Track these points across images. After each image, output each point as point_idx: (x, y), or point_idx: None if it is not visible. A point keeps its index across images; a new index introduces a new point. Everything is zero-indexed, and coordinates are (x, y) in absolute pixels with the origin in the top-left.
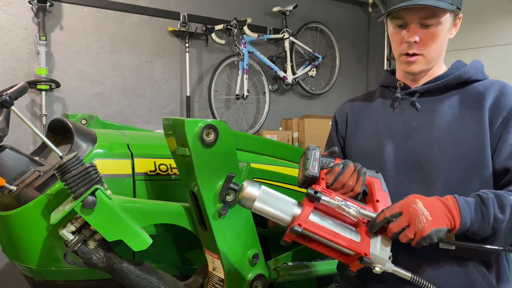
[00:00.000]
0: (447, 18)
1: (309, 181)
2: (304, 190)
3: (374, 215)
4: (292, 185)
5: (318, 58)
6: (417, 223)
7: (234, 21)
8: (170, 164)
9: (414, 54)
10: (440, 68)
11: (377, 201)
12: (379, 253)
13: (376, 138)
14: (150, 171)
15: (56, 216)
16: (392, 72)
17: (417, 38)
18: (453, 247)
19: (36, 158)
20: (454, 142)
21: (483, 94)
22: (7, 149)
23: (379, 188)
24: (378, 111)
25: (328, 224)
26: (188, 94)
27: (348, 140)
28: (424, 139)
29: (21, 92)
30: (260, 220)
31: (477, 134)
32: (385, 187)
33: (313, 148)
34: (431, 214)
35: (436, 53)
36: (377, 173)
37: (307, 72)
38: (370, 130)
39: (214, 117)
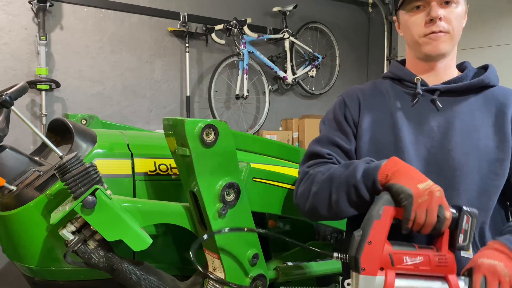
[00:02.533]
0: (462, 2)
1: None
2: None
3: None
4: (292, 185)
5: (318, 58)
6: (507, 277)
7: (234, 21)
8: (170, 164)
9: (439, 32)
10: (453, 64)
11: None
12: None
13: (392, 132)
14: (150, 171)
15: (56, 216)
16: (403, 64)
17: (441, 14)
18: (472, 256)
19: (36, 158)
20: (475, 148)
21: (504, 103)
22: (7, 149)
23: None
24: (392, 103)
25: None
26: (188, 94)
27: (360, 127)
28: (445, 142)
29: (21, 92)
30: (260, 220)
31: (498, 143)
32: None
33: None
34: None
35: (458, 33)
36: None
37: (307, 72)
38: (384, 122)
39: (214, 117)
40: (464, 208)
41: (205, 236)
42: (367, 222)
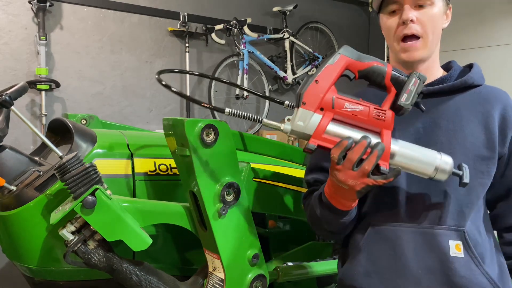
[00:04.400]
0: (440, 3)
1: None
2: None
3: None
4: (292, 185)
5: (318, 58)
6: None
7: (234, 21)
8: (170, 164)
9: (413, 36)
10: (437, 65)
11: None
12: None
13: None
14: (150, 171)
15: (56, 216)
16: None
17: (413, 16)
18: (462, 255)
19: (36, 158)
20: (462, 147)
21: (490, 102)
22: (7, 149)
23: None
24: None
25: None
26: (188, 94)
27: None
28: (431, 142)
29: (21, 92)
30: (260, 220)
31: (485, 142)
32: None
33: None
34: None
35: (434, 36)
36: None
37: (307, 72)
38: None
39: (214, 117)
40: (415, 71)
41: None
42: (321, 65)
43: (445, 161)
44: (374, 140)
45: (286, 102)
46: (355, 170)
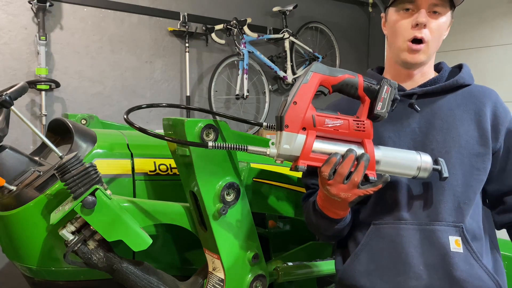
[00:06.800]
0: (448, 15)
1: None
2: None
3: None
4: (292, 185)
5: (318, 58)
6: None
7: (234, 21)
8: (170, 164)
9: (421, 41)
10: (431, 69)
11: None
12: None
13: (376, 141)
14: (150, 171)
15: (56, 216)
16: (379, 71)
17: (426, 22)
18: (462, 250)
19: (36, 158)
20: (457, 145)
21: (482, 101)
22: (7, 149)
23: None
24: None
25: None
26: (188, 94)
27: None
28: (427, 141)
29: (21, 92)
30: (260, 220)
31: (478, 139)
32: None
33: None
34: None
35: (437, 45)
36: None
37: None
38: None
39: (214, 117)
40: (385, 79)
41: None
42: (295, 85)
43: (425, 160)
44: (358, 151)
45: (264, 124)
46: (346, 183)
